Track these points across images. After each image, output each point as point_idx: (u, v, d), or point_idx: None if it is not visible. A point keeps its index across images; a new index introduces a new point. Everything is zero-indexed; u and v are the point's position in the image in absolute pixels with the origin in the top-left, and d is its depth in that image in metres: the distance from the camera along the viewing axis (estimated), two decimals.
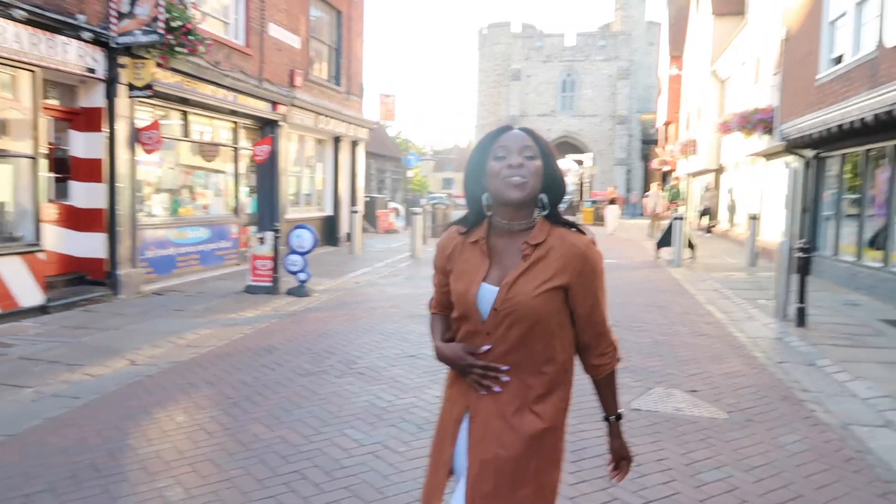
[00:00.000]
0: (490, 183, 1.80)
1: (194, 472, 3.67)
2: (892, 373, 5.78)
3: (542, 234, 1.81)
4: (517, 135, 1.81)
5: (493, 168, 1.79)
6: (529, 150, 1.79)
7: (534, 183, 1.78)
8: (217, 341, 6.82)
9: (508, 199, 1.77)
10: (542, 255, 1.79)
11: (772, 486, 3.58)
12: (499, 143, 1.81)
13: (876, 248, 10.16)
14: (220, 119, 12.49)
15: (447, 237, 1.96)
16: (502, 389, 1.81)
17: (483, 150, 1.83)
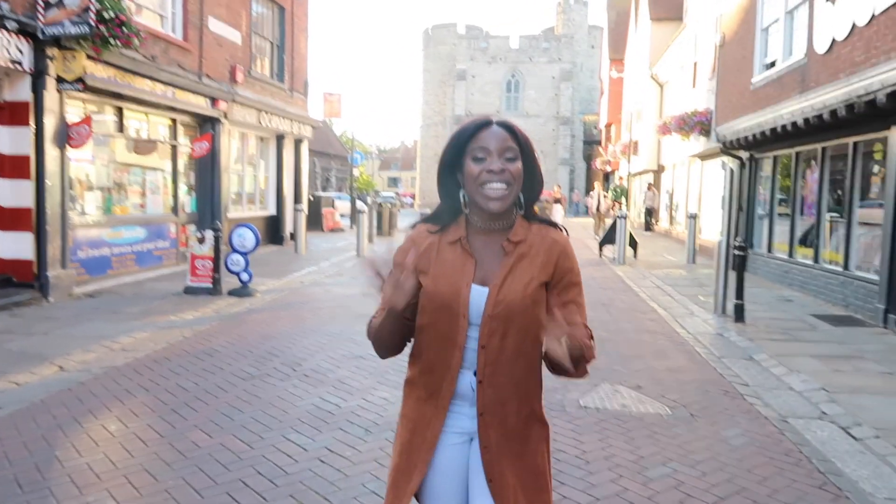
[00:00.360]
0: (468, 186, 1.68)
1: (128, 484, 3.48)
2: (825, 366, 6.00)
3: (522, 232, 1.72)
4: (497, 133, 1.67)
5: (472, 170, 1.66)
6: (510, 152, 1.66)
7: (515, 189, 1.68)
8: (154, 345, 6.55)
9: (488, 209, 1.67)
10: (525, 251, 1.70)
11: (716, 480, 3.64)
12: (478, 140, 1.67)
13: (807, 245, 10.58)
14: (157, 115, 12.04)
15: (418, 233, 1.79)
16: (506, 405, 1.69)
17: (460, 145, 1.69)
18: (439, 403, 1.72)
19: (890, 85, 6.94)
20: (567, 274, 1.72)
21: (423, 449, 1.72)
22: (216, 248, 9.31)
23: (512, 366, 1.68)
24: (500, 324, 1.65)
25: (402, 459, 1.76)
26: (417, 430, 1.74)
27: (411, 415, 1.77)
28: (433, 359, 1.72)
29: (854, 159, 9.08)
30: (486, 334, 1.66)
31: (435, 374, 1.72)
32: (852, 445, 4.19)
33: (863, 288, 8.47)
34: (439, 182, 1.77)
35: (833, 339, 7.09)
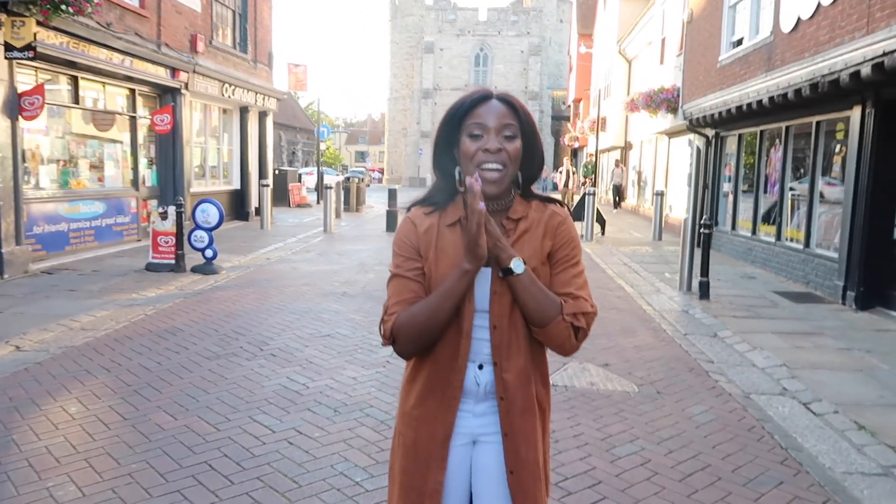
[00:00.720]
0: (463, 164, 1.59)
1: (89, 468, 3.39)
2: (786, 342, 6.14)
3: (522, 209, 1.64)
4: (497, 109, 1.57)
5: (468, 148, 1.57)
6: (509, 129, 1.57)
7: (512, 169, 1.59)
8: (115, 324, 6.38)
9: (483, 192, 1.54)
10: (527, 227, 1.62)
11: (682, 457, 3.69)
12: (475, 116, 1.57)
13: (770, 223, 10.77)
14: (114, 85, 11.63)
15: (415, 215, 1.68)
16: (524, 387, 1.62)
17: (456, 120, 1.59)
18: (448, 395, 1.62)
19: (853, 65, 7.03)
20: (566, 244, 1.64)
21: (434, 445, 1.62)
22: (179, 223, 9.09)
23: (525, 343, 1.61)
24: (508, 301, 1.58)
25: (410, 461, 1.65)
26: (422, 427, 1.64)
27: (414, 412, 1.65)
28: (440, 350, 1.61)
29: (817, 138, 9.23)
30: (496, 313, 1.59)
31: (440, 365, 1.62)
32: (812, 421, 4.29)
33: (823, 265, 8.67)
34: (434, 159, 1.67)
35: (794, 316, 7.25)
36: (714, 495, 3.26)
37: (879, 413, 4.41)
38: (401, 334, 1.58)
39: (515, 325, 1.59)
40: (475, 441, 1.65)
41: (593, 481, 3.37)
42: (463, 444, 1.65)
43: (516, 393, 1.60)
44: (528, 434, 1.62)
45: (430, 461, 1.62)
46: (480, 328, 1.61)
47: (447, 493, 1.65)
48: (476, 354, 1.62)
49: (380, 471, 3.42)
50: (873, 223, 7.61)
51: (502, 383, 1.60)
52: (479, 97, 1.59)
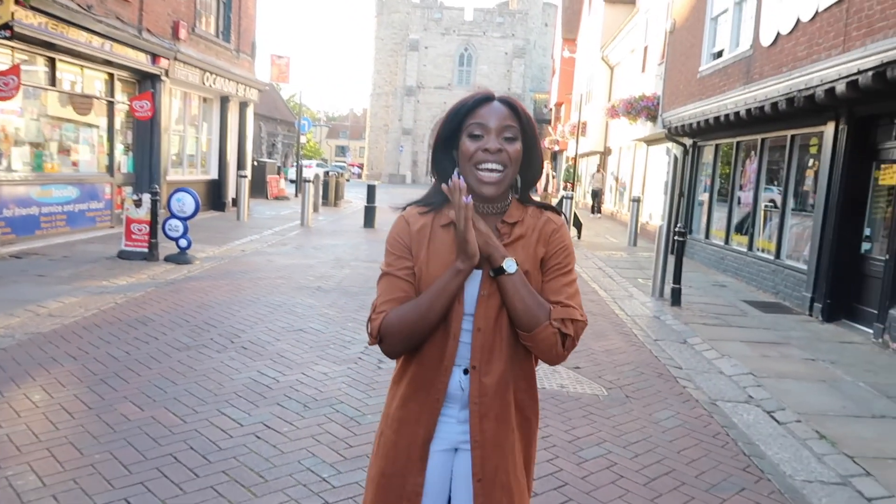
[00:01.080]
0: (462, 165, 1.57)
1: (51, 458, 3.34)
2: (753, 351, 6.24)
3: (518, 213, 1.63)
4: (498, 110, 1.55)
5: (467, 148, 1.55)
6: (510, 131, 1.55)
7: (512, 172, 1.57)
8: (84, 311, 6.29)
9: (480, 193, 1.56)
10: (522, 233, 1.61)
11: (647, 461, 3.74)
12: (476, 116, 1.55)
13: (742, 233, 10.94)
14: (93, 69, 11.44)
15: (409, 214, 1.67)
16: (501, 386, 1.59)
17: (457, 120, 1.57)
18: (430, 397, 1.59)
19: (828, 81, 7.17)
20: (559, 252, 1.62)
21: (414, 447, 1.60)
22: (154, 211, 8.97)
23: (508, 349, 1.58)
24: (495, 303, 1.56)
25: (388, 462, 1.62)
26: (403, 429, 1.61)
27: (396, 413, 1.63)
28: (426, 351, 1.59)
29: (791, 152, 9.39)
30: (481, 315, 1.56)
31: (425, 367, 1.60)
32: (775, 429, 4.37)
33: (792, 276, 8.83)
34: (433, 159, 1.65)
35: (762, 325, 7.37)
36: (677, 499, 3.31)
37: (841, 423, 4.51)
38: (389, 333, 1.55)
39: (500, 329, 1.57)
40: (457, 448, 1.63)
41: (560, 483, 3.40)
42: (444, 449, 1.63)
43: (493, 400, 1.57)
44: (500, 443, 1.58)
45: (409, 464, 1.60)
46: (467, 332, 1.58)
47: (426, 499, 1.62)
48: (462, 358, 1.59)
49: (347, 467, 3.42)
50: (842, 237, 7.78)
51: (479, 387, 1.57)
52: (481, 98, 1.58)
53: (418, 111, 52.65)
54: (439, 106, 51.53)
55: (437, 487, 1.64)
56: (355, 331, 6.10)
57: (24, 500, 2.92)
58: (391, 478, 1.62)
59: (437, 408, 1.60)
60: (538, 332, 1.52)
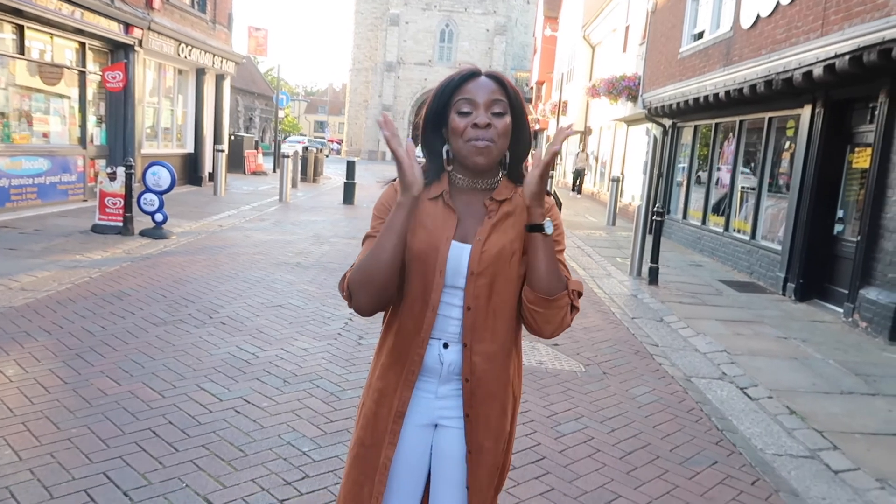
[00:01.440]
0: (452, 140, 1.57)
1: (26, 432, 3.30)
2: (727, 329, 6.36)
3: (507, 191, 1.61)
4: (485, 84, 1.55)
5: (457, 124, 1.54)
6: (498, 105, 1.54)
7: (501, 145, 1.56)
8: (57, 285, 6.19)
9: (472, 164, 1.56)
10: (510, 210, 1.59)
11: (623, 435, 3.81)
12: (464, 92, 1.54)
13: (719, 214, 11.08)
14: (63, 38, 11.13)
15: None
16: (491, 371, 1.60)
17: (445, 97, 1.57)
18: (406, 369, 1.60)
19: (806, 65, 7.24)
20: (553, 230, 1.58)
21: (389, 419, 1.62)
22: (128, 185, 8.82)
23: (500, 329, 1.59)
24: (486, 283, 1.56)
25: (367, 433, 1.64)
26: (383, 399, 1.63)
27: (377, 384, 1.65)
28: (404, 321, 1.60)
29: (768, 134, 9.50)
30: (471, 295, 1.56)
31: (402, 337, 1.61)
32: (748, 405, 4.47)
33: (766, 257, 8.97)
34: (423, 138, 1.64)
35: (736, 304, 7.50)
36: (652, 473, 3.38)
37: (810, 399, 4.62)
38: (353, 284, 1.54)
39: (493, 309, 1.57)
40: (436, 424, 1.64)
41: (538, 457, 3.45)
42: (421, 425, 1.63)
43: (483, 376, 1.58)
44: (491, 419, 1.61)
45: (384, 436, 1.62)
46: (450, 305, 1.58)
47: (401, 472, 1.64)
48: (442, 332, 1.59)
49: (328, 441, 3.43)
50: (815, 219, 7.91)
51: (470, 365, 1.58)
52: (468, 73, 1.57)
53: (398, 87, 52.17)
54: (419, 82, 51.11)
55: (414, 462, 1.65)
56: (335, 307, 6.08)
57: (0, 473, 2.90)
58: (369, 448, 1.64)
59: (411, 380, 1.61)
60: (559, 297, 1.52)
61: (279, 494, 2.89)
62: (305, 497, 2.89)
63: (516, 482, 3.16)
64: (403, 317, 1.60)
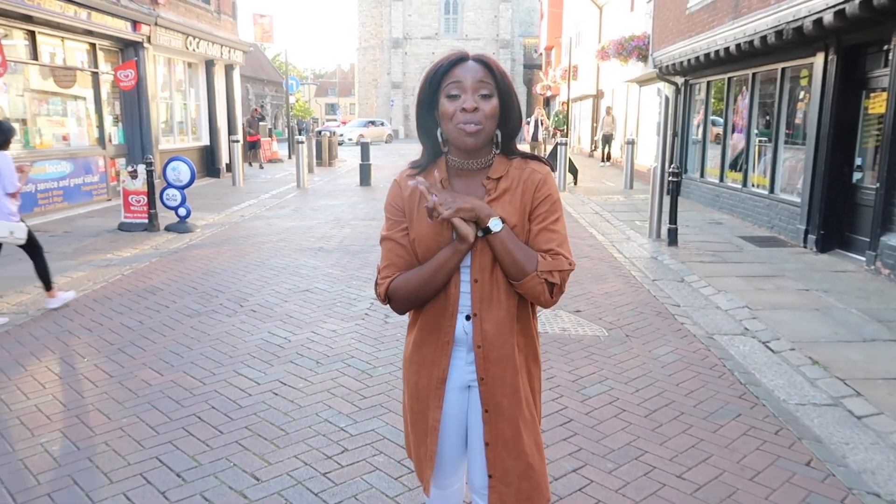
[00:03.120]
0: (443, 124, 1.68)
1: (81, 424, 3.50)
2: (749, 285, 6.40)
3: (502, 168, 1.72)
4: (472, 68, 1.65)
5: (446, 108, 1.65)
6: (485, 88, 1.64)
7: (490, 127, 1.66)
8: (92, 284, 6.41)
9: (463, 146, 1.67)
10: (507, 186, 1.70)
11: (648, 395, 3.92)
12: (452, 77, 1.64)
13: (737, 170, 11.00)
14: (74, 40, 11.30)
15: (401, 178, 1.78)
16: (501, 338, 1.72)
17: (435, 83, 1.67)
18: (441, 341, 1.75)
19: (817, 11, 7.14)
20: (545, 201, 1.71)
21: (431, 387, 1.78)
22: (150, 182, 9.01)
23: (505, 297, 1.71)
24: (489, 256, 1.67)
25: (415, 401, 1.83)
26: (422, 371, 1.80)
27: (414, 357, 1.82)
28: (433, 301, 1.74)
29: (782, 84, 9.39)
30: (477, 268, 1.69)
31: (432, 315, 1.75)
32: (770, 358, 4.55)
33: (786, 210, 8.94)
34: (418, 122, 1.75)
35: (757, 260, 7.52)
36: (677, 428, 3.49)
37: (832, 349, 4.69)
38: (395, 297, 1.72)
39: (497, 279, 1.69)
40: (469, 386, 1.80)
41: (565, 419, 3.58)
42: (458, 387, 1.80)
43: (494, 342, 1.71)
44: (506, 380, 1.73)
45: (430, 401, 1.79)
46: (464, 282, 1.72)
47: (446, 431, 1.82)
48: (463, 307, 1.73)
49: (363, 416, 3.59)
50: (833, 168, 7.86)
51: (481, 332, 1.71)
52: (455, 59, 1.66)
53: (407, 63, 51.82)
54: (427, 57, 50.65)
55: (455, 420, 1.83)
56: (360, 288, 6.24)
57: (60, 463, 3.09)
58: (418, 414, 1.83)
59: (447, 350, 1.76)
60: (526, 281, 1.66)
61: (321, 468, 3.06)
62: (346, 469, 3.05)
63: (545, 444, 3.28)
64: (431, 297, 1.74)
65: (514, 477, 1.76)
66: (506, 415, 1.75)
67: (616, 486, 2.93)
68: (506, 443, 1.75)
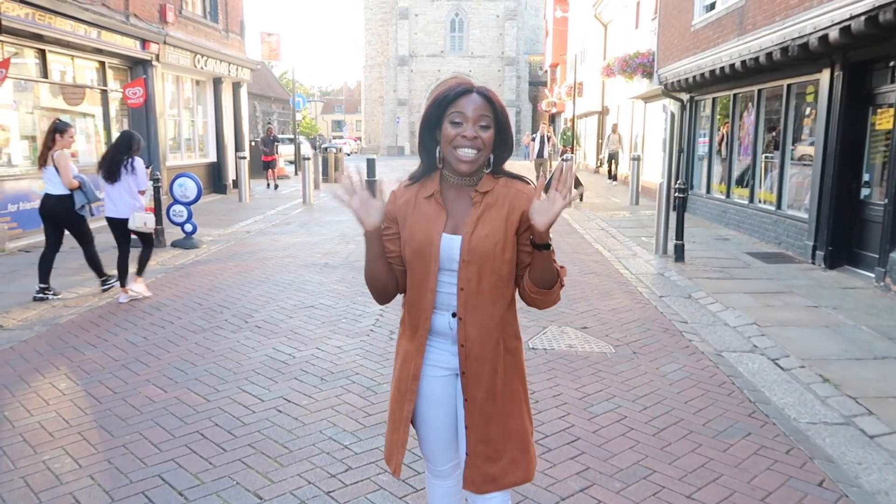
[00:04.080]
0: (443, 145, 1.87)
1: (83, 441, 3.48)
2: (757, 301, 6.35)
3: (489, 184, 1.90)
4: (476, 102, 1.83)
5: (448, 133, 1.83)
6: (485, 120, 1.83)
7: (485, 154, 1.85)
8: (98, 300, 6.42)
9: (458, 171, 1.86)
10: (492, 201, 1.88)
11: (656, 413, 3.87)
12: (457, 106, 1.83)
13: (743, 186, 10.97)
14: (83, 58, 11.41)
15: (399, 190, 1.99)
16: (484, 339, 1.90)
17: (441, 108, 1.86)
18: (417, 340, 1.95)
19: (822, 28, 7.14)
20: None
21: (408, 380, 1.96)
22: (157, 198, 9.05)
23: (489, 305, 1.88)
24: (475, 267, 1.85)
25: (396, 390, 2.02)
26: (405, 363, 1.98)
27: (401, 350, 2.03)
28: (412, 301, 1.95)
29: (788, 101, 9.38)
30: (463, 278, 1.86)
31: (413, 314, 1.95)
32: (780, 375, 4.49)
33: (794, 226, 8.89)
34: (420, 139, 1.95)
35: (765, 276, 7.47)
36: (685, 447, 3.44)
37: (843, 366, 4.63)
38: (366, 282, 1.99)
39: (482, 289, 1.87)
40: (458, 373, 1.96)
41: (572, 438, 3.54)
42: (444, 375, 1.97)
43: (475, 344, 1.89)
44: (482, 376, 1.91)
45: (406, 394, 1.97)
46: (450, 285, 1.89)
47: (430, 417, 1.99)
48: (449, 306, 1.91)
49: (367, 434, 3.55)
50: (841, 184, 7.82)
51: (464, 334, 1.90)
52: (462, 90, 1.84)
53: (412, 81, 52.15)
54: (433, 74, 51.00)
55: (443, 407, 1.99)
56: (365, 304, 6.21)
57: (62, 481, 3.07)
58: (397, 403, 2.01)
59: (422, 348, 1.95)
60: (556, 288, 1.88)
61: (325, 487, 3.02)
62: (350, 488, 3.01)
63: (552, 463, 3.25)
64: (411, 298, 1.96)
65: (481, 459, 1.93)
66: (479, 406, 1.92)
67: None
68: (477, 429, 1.93)
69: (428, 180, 1.95)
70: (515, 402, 1.97)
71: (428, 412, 2.00)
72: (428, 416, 2.00)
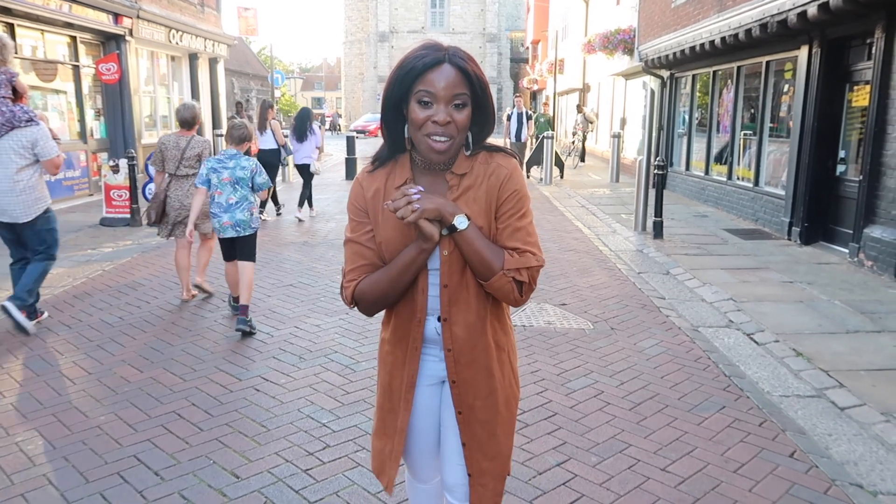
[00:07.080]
0: (411, 130, 1.58)
1: (57, 422, 3.44)
2: (733, 277, 6.42)
3: (466, 164, 1.64)
4: (447, 75, 1.52)
5: (417, 116, 1.53)
6: (460, 98, 1.53)
7: (461, 138, 1.58)
8: (72, 280, 6.32)
9: (429, 160, 1.60)
10: (470, 184, 1.63)
11: (632, 388, 3.91)
12: (424, 82, 1.52)
13: (722, 163, 11.04)
14: (54, 33, 11.11)
15: (363, 178, 1.70)
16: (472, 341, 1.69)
17: (407, 83, 1.54)
18: (410, 345, 1.72)
19: (801, 5, 7.15)
20: (511, 196, 1.63)
21: (402, 389, 1.76)
22: (132, 177, 8.90)
23: (475, 300, 1.66)
24: (458, 260, 1.62)
25: (386, 399, 1.82)
26: (395, 372, 1.78)
27: (387, 358, 1.80)
28: (401, 305, 1.71)
29: (766, 78, 9.41)
30: (446, 273, 1.64)
31: (402, 319, 1.72)
32: (754, 350, 4.56)
33: (771, 202, 8.98)
34: (382, 118, 1.64)
35: (742, 252, 7.55)
36: (661, 421, 3.48)
37: (816, 341, 4.70)
38: (362, 299, 1.67)
39: (467, 283, 1.65)
40: (443, 381, 1.78)
41: (549, 413, 3.56)
42: (431, 384, 1.79)
43: (464, 346, 1.68)
44: (478, 383, 1.71)
45: (400, 402, 1.78)
46: (434, 286, 1.67)
47: (416, 428, 1.82)
48: (434, 309, 1.69)
49: (345, 412, 3.55)
50: (818, 161, 7.89)
51: (451, 336, 1.68)
52: (430, 62, 1.53)
53: (393, 57, 51.52)
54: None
55: (427, 418, 1.83)
56: None
57: (35, 462, 3.03)
58: (388, 412, 1.82)
59: (416, 354, 1.74)
60: (494, 280, 1.60)
61: (302, 465, 3.02)
62: (328, 466, 3.01)
63: (529, 438, 3.27)
64: (400, 302, 1.71)
65: (489, 478, 1.76)
66: (479, 417, 1.74)
67: (600, 480, 2.91)
68: (480, 444, 1.75)
69: (396, 166, 1.67)
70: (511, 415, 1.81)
71: (417, 423, 1.81)
72: (417, 426, 1.82)
